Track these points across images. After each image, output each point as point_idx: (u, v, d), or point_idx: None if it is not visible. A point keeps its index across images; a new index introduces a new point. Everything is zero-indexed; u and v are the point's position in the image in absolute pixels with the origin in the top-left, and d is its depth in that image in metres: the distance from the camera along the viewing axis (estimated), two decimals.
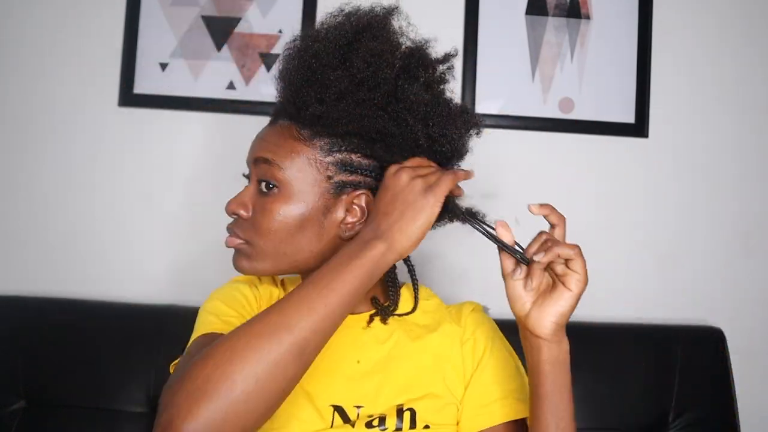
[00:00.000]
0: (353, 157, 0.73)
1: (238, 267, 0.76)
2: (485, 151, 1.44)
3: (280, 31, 1.41)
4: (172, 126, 1.40)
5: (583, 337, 1.30)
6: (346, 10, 0.77)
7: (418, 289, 0.85)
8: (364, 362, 0.77)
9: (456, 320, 0.85)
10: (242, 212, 0.74)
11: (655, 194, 1.44)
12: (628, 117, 1.43)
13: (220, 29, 1.40)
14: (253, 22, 1.41)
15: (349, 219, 0.74)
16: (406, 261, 0.83)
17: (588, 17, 1.44)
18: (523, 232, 1.42)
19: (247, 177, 0.78)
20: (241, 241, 0.74)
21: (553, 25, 1.43)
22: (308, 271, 0.77)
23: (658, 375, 1.26)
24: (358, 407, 0.73)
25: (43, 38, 1.40)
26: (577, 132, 1.43)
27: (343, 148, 0.73)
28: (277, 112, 0.78)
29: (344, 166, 0.73)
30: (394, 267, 0.79)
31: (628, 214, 1.44)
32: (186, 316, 1.29)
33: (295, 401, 0.74)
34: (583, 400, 1.23)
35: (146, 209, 1.40)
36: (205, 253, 1.39)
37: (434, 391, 0.76)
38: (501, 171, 1.44)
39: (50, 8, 1.40)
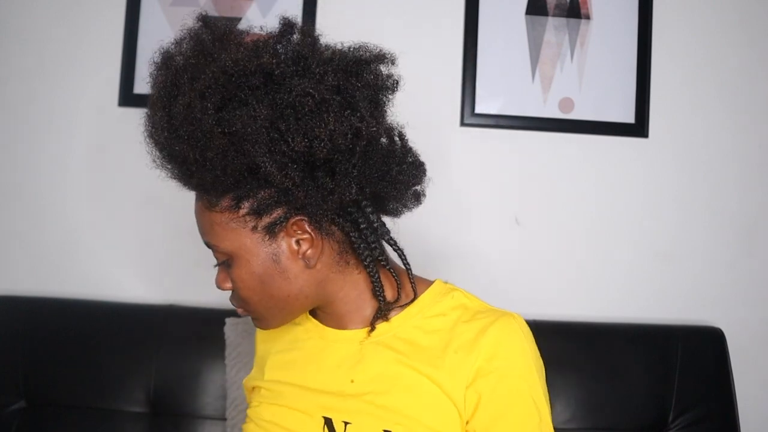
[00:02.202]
0: (259, 196, 0.67)
1: (256, 326, 0.79)
2: (485, 151, 1.45)
3: None
4: None
5: (583, 337, 1.30)
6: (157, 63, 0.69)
7: (413, 278, 0.76)
8: (358, 382, 0.73)
9: (468, 349, 0.70)
10: (227, 287, 0.75)
11: (654, 194, 1.44)
12: (628, 117, 1.43)
13: None
14: (253, 21, 1.41)
15: (304, 248, 0.70)
16: (394, 246, 0.75)
17: (588, 17, 1.44)
18: (523, 232, 1.43)
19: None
20: (243, 310, 0.76)
21: (553, 25, 1.43)
22: (316, 305, 0.75)
23: (658, 375, 1.26)
24: (346, 423, 0.71)
25: (43, 38, 1.40)
26: (577, 132, 1.43)
27: (244, 195, 0.67)
28: None
29: (258, 211, 0.68)
30: (383, 263, 0.73)
31: (628, 214, 1.44)
32: (186, 316, 1.30)
33: (286, 415, 0.75)
34: (583, 400, 1.24)
35: (146, 209, 1.40)
36: (205, 253, 1.39)
37: (425, 421, 0.69)
38: (501, 171, 1.44)
39: (50, 8, 1.40)
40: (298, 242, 0.70)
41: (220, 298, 0.98)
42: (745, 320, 1.41)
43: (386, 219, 0.75)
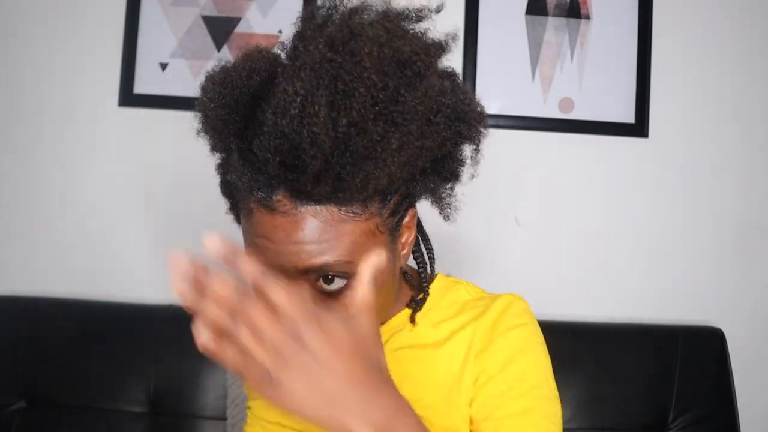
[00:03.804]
0: (396, 197, 0.61)
1: None
2: (485, 151, 1.45)
3: (280, 31, 1.41)
4: (172, 126, 1.40)
5: (583, 337, 1.30)
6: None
7: (427, 276, 0.73)
8: None
9: (477, 321, 0.69)
10: None
11: (654, 194, 1.44)
12: (628, 117, 1.43)
13: (220, 29, 1.40)
14: (253, 22, 1.41)
15: (404, 238, 0.65)
16: (425, 238, 0.73)
17: (588, 17, 1.44)
18: (523, 232, 1.43)
19: None
20: None
21: (553, 25, 1.43)
22: None
23: (658, 375, 1.26)
24: None
25: (43, 38, 1.40)
26: (577, 132, 1.43)
27: (391, 196, 0.60)
28: (285, 197, 0.56)
29: (396, 211, 0.61)
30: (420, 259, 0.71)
31: (627, 214, 1.44)
32: (186, 316, 1.30)
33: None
34: (583, 400, 1.24)
35: (146, 209, 1.40)
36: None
37: (434, 416, 0.65)
38: (501, 171, 1.44)
39: (51, 8, 1.40)
40: (401, 233, 0.64)
41: None
42: (745, 320, 1.41)
43: None
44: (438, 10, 0.65)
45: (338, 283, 0.57)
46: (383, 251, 0.54)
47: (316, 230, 0.55)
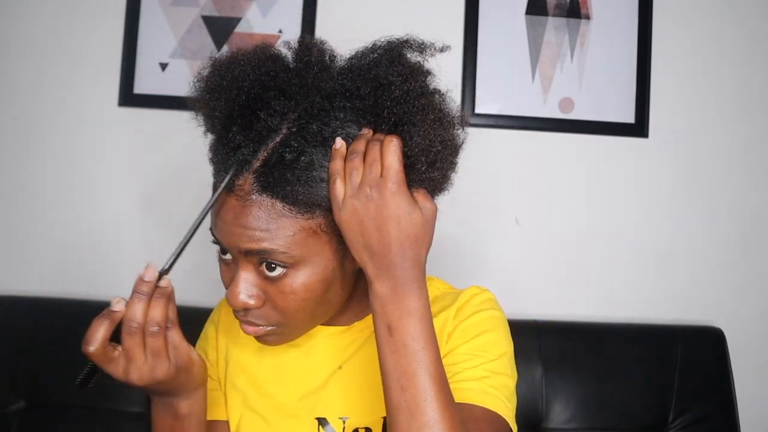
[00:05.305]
0: None
1: (267, 344, 0.69)
2: (485, 151, 1.45)
3: (280, 31, 1.41)
4: (172, 126, 1.40)
5: (583, 337, 1.30)
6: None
7: None
8: (347, 368, 0.73)
9: (446, 310, 0.73)
10: (254, 303, 0.64)
11: (654, 194, 1.44)
12: (628, 117, 1.43)
13: (220, 29, 1.40)
14: (253, 22, 1.41)
15: None
16: None
17: (588, 17, 1.44)
18: (523, 232, 1.43)
19: (221, 250, 0.68)
20: (269, 328, 0.66)
21: (553, 25, 1.44)
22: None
23: (658, 375, 1.26)
24: (344, 419, 0.70)
25: (43, 39, 1.40)
26: (577, 132, 1.43)
27: None
28: (237, 181, 0.61)
29: None
30: None
31: (627, 214, 1.44)
32: (186, 316, 1.29)
33: (275, 419, 0.73)
34: (583, 400, 1.24)
35: (146, 209, 1.40)
36: (205, 253, 1.39)
37: None
38: (500, 171, 1.44)
39: (51, 8, 1.40)
40: None
41: (220, 298, 0.98)
42: (745, 320, 1.41)
43: None
44: (442, 50, 0.71)
45: (279, 270, 0.61)
46: (327, 244, 0.62)
47: (259, 219, 0.60)
